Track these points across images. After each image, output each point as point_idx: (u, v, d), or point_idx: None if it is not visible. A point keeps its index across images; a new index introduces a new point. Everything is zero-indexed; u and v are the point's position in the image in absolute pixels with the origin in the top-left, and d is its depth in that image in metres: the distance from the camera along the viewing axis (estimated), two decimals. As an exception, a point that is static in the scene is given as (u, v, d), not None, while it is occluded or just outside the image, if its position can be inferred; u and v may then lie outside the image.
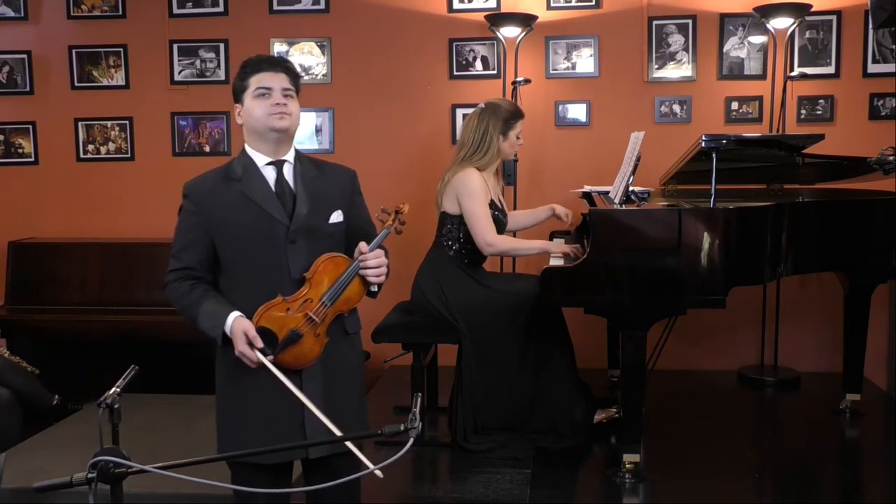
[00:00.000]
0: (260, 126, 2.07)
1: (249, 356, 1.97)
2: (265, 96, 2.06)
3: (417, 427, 1.48)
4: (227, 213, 2.05)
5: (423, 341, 3.58)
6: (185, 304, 2.06)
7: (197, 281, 2.08)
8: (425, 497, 3.08)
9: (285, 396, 2.03)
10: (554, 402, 3.50)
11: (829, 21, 4.49)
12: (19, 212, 4.97)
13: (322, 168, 2.18)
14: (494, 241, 3.53)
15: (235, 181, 2.07)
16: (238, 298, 2.04)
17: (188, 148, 4.92)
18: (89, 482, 1.41)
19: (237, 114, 2.13)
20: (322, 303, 2.03)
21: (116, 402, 1.60)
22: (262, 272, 2.04)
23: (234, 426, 2.10)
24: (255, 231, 2.04)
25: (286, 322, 2.00)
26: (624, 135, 3.75)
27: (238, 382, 2.09)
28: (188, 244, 2.08)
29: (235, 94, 2.13)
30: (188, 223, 2.09)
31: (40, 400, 3.96)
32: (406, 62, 4.73)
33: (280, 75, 2.08)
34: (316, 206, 2.08)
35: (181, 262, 2.08)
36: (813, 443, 3.67)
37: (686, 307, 3.11)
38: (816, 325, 4.58)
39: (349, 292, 2.07)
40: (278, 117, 2.05)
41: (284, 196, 2.08)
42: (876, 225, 3.62)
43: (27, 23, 4.92)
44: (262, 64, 2.10)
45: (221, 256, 2.08)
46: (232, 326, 1.98)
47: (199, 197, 2.08)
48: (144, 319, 4.29)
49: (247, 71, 2.10)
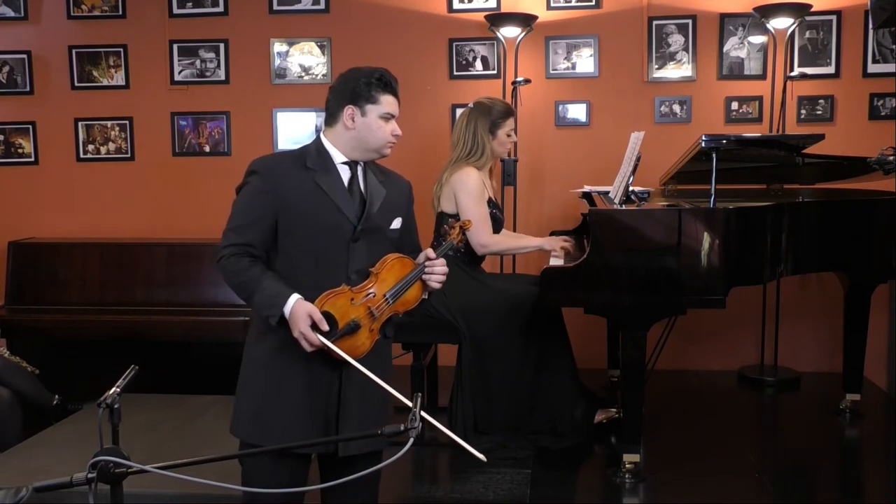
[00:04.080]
0: (373, 146, 2.12)
1: (310, 338, 1.96)
2: (389, 121, 2.12)
3: (417, 427, 1.48)
4: (300, 198, 2.06)
5: (423, 341, 3.58)
6: (242, 280, 2.04)
7: (255, 259, 2.07)
8: (425, 497, 3.08)
9: (322, 389, 2.06)
10: (554, 402, 3.50)
11: (829, 21, 4.49)
12: (19, 212, 4.97)
13: (387, 175, 2.23)
14: (489, 241, 3.54)
15: (311, 170, 2.09)
16: (291, 284, 2.04)
17: (188, 148, 4.92)
18: (89, 482, 1.41)
19: (349, 116, 2.10)
20: (385, 299, 2.07)
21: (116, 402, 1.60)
22: (321, 264, 2.06)
23: (262, 413, 2.09)
24: (324, 223, 2.06)
25: (349, 311, 2.02)
26: (624, 135, 3.75)
27: (275, 370, 2.08)
28: (253, 221, 2.06)
29: (356, 98, 2.10)
30: (257, 200, 2.07)
31: (40, 400, 3.95)
32: (406, 62, 4.72)
33: (397, 103, 2.16)
34: (383, 210, 2.14)
35: (243, 237, 2.06)
36: (813, 443, 3.67)
37: (686, 307, 3.12)
38: (816, 325, 4.58)
39: (409, 294, 2.12)
40: (391, 147, 2.14)
41: (355, 196, 2.11)
42: (876, 225, 3.62)
43: (27, 23, 4.92)
44: (393, 87, 2.13)
45: (283, 239, 2.08)
46: (294, 307, 1.98)
47: (272, 176, 2.07)
48: (144, 319, 4.29)
49: (380, 86, 2.11)
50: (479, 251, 3.56)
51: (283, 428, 2.05)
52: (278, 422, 2.06)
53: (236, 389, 2.16)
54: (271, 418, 2.07)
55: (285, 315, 1.99)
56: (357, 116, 2.10)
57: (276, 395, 2.08)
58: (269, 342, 2.07)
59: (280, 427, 2.05)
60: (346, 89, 2.11)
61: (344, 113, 2.11)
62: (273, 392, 2.08)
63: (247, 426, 2.11)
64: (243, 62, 4.83)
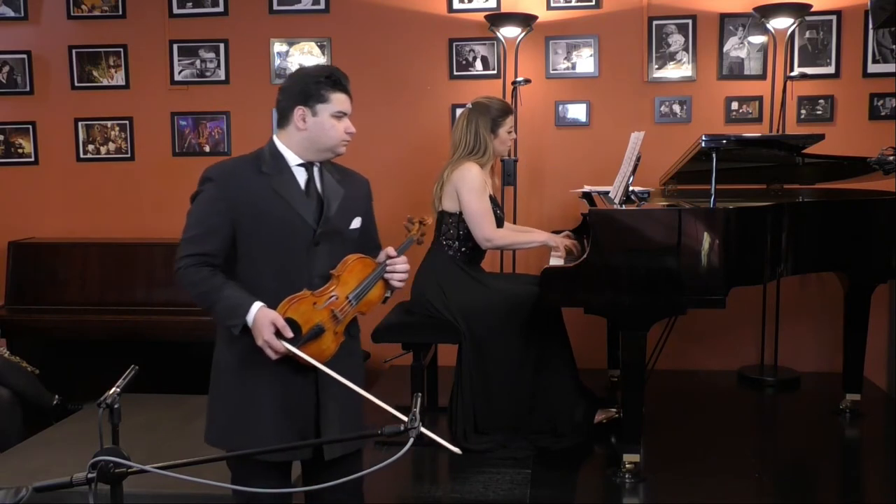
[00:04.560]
0: (326, 145, 2.09)
1: (275, 346, 1.95)
2: (341, 119, 2.09)
3: (417, 427, 1.48)
4: (257, 204, 2.03)
5: (423, 341, 3.58)
6: (203, 291, 2.02)
7: (215, 269, 2.04)
8: (425, 497, 3.08)
9: (296, 396, 2.04)
10: (554, 402, 3.50)
11: (829, 21, 4.49)
12: (19, 212, 4.96)
13: (343, 173, 2.20)
14: (493, 235, 3.53)
15: (266, 175, 2.06)
16: (252, 292, 2.02)
17: (188, 148, 4.92)
18: (89, 482, 1.41)
19: (300, 117, 2.07)
20: (348, 301, 2.06)
21: (116, 402, 1.60)
22: (282, 270, 2.04)
23: (242, 421, 2.07)
24: (283, 228, 2.04)
25: (312, 316, 2.01)
26: (624, 135, 3.75)
27: (248, 376, 2.06)
28: (210, 229, 2.04)
29: (305, 98, 2.06)
30: (212, 208, 2.04)
31: (40, 400, 3.95)
32: (406, 62, 4.73)
33: (349, 100, 2.12)
34: (341, 211, 2.11)
35: (200, 247, 2.03)
36: (813, 443, 3.67)
37: (686, 307, 3.12)
38: (816, 325, 4.58)
39: (372, 295, 2.11)
40: (345, 145, 2.12)
41: (312, 198, 2.09)
42: (876, 225, 3.62)
43: (27, 23, 4.92)
44: (343, 84, 2.10)
45: (242, 247, 2.05)
46: (257, 315, 1.96)
47: (227, 183, 2.05)
48: (144, 319, 4.29)
49: (329, 85, 2.08)
50: (483, 245, 3.55)
51: (258, 438, 2.03)
52: (255, 431, 2.04)
53: (208, 398, 2.14)
54: (247, 428, 2.05)
55: (248, 324, 1.97)
56: (308, 117, 2.07)
57: (251, 404, 2.06)
58: (239, 350, 2.04)
59: (256, 437, 2.03)
60: (296, 90, 2.08)
61: (295, 114, 2.07)
62: (247, 402, 2.06)
63: (222, 436, 2.10)
64: (243, 62, 4.83)
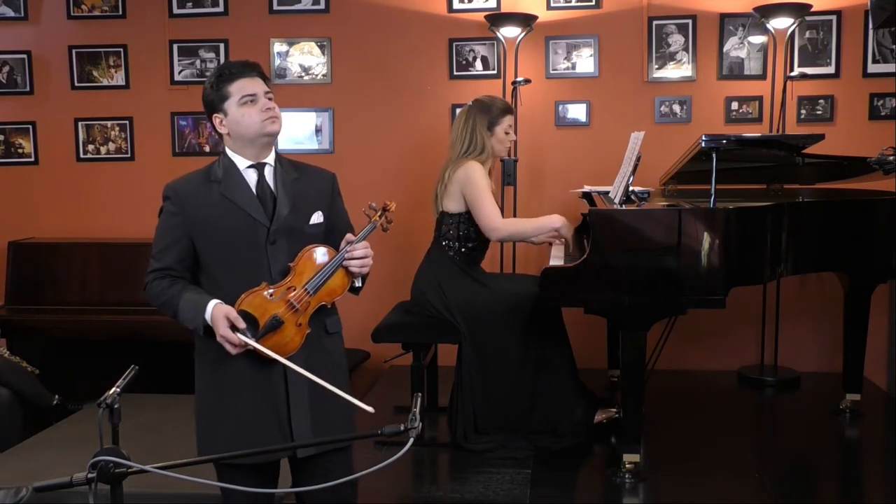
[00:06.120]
0: (252, 132, 2.08)
1: (232, 339, 1.96)
2: (252, 103, 2.07)
3: (417, 427, 1.48)
4: (208, 214, 2.06)
5: (423, 341, 3.58)
6: (164, 300, 2.08)
7: (175, 279, 2.09)
8: (425, 497, 3.08)
9: (269, 395, 2.05)
10: (554, 402, 3.50)
11: (829, 21, 4.49)
12: (19, 212, 4.96)
13: (302, 170, 2.20)
14: (499, 225, 3.52)
15: (216, 183, 2.09)
16: (219, 296, 2.04)
17: (188, 148, 4.92)
18: (89, 482, 1.41)
19: (219, 123, 2.10)
20: (305, 290, 2.05)
21: (116, 402, 1.60)
22: (243, 272, 2.06)
23: (216, 425, 2.10)
24: (236, 232, 2.06)
25: (268, 307, 2.02)
26: (624, 135, 3.75)
27: (219, 379, 2.09)
28: (169, 245, 2.10)
29: (213, 105, 2.10)
30: (169, 224, 2.11)
31: (40, 400, 3.95)
32: (406, 62, 4.73)
33: (257, 80, 2.11)
34: (296, 208, 2.11)
35: (161, 262, 2.10)
36: (813, 443, 3.67)
37: (686, 307, 3.12)
38: (816, 325, 4.58)
39: (332, 283, 2.09)
40: (271, 121, 2.10)
41: (265, 198, 2.10)
42: (876, 225, 3.62)
43: (27, 23, 4.92)
44: (239, 71, 2.09)
45: (202, 257, 2.10)
46: (213, 312, 1.99)
47: (180, 198, 2.10)
48: (144, 319, 4.29)
49: (223, 80, 2.08)
50: (490, 236, 3.54)
51: (227, 441, 2.04)
52: (224, 434, 2.07)
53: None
54: (219, 432, 2.08)
55: (207, 322, 1.99)
56: (223, 119, 2.10)
57: (226, 405, 2.08)
58: (211, 350, 2.06)
59: (225, 440, 2.05)
60: (205, 104, 2.13)
61: (215, 124, 2.12)
62: (219, 405, 2.09)
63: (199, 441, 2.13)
64: (243, 62, 4.83)
